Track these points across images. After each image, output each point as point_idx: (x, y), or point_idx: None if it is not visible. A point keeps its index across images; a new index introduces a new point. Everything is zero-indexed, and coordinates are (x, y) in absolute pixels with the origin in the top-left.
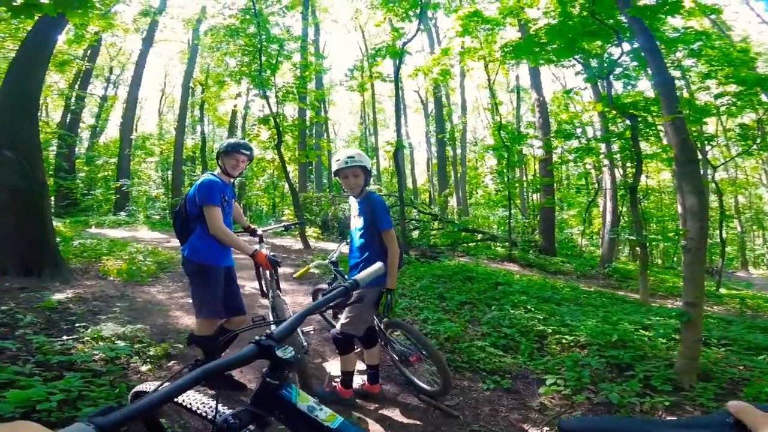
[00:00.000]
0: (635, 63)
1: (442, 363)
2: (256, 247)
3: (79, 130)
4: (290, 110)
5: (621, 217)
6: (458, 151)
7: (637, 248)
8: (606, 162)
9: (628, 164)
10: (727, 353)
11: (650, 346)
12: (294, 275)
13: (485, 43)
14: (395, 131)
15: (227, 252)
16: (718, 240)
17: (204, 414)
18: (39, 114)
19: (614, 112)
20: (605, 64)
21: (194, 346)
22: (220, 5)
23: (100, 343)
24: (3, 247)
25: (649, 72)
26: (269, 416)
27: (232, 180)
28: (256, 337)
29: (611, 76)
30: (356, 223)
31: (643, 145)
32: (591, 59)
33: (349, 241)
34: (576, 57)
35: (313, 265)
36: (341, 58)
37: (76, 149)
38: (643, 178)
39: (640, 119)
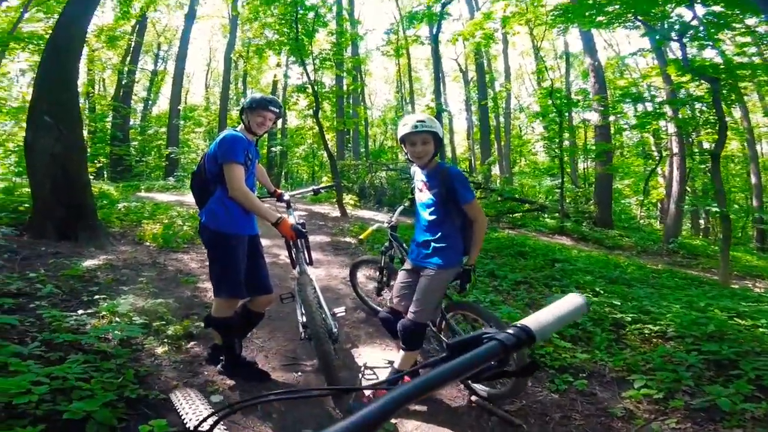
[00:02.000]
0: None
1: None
2: (282, 214)
3: (132, 103)
4: (328, 80)
5: (687, 188)
6: (501, 119)
7: (701, 221)
8: (672, 128)
9: (697, 131)
10: None
11: (752, 338)
12: (360, 237)
13: (531, 6)
14: (433, 97)
15: (251, 218)
16: None
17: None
18: (97, 88)
19: (687, 76)
20: (675, 26)
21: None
22: None
23: (116, 319)
24: (41, 210)
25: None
26: None
27: (256, 139)
28: None
29: (684, 39)
30: (423, 197)
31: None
32: (656, 21)
33: (407, 205)
34: (639, 18)
35: (375, 227)
36: (376, 27)
37: (131, 120)
38: (711, 146)
39: (722, 83)
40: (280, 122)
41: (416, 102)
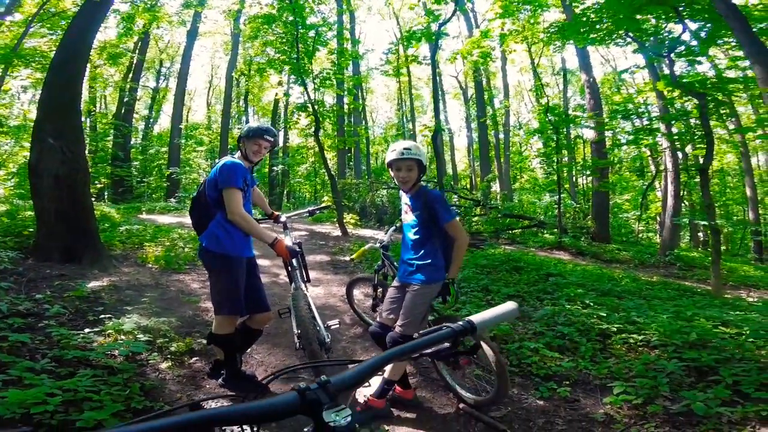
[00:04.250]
0: (695, 42)
1: (505, 371)
2: (278, 235)
3: (133, 121)
4: (329, 99)
5: (683, 202)
6: (501, 135)
7: (700, 234)
8: (666, 144)
9: (692, 145)
10: None
11: (735, 346)
12: (352, 257)
13: (527, 24)
14: (433, 115)
15: (249, 240)
16: None
17: None
18: (98, 106)
19: (677, 91)
20: (666, 42)
21: (213, 345)
22: None
23: (121, 336)
24: (45, 234)
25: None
26: None
27: (252, 165)
28: (301, 385)
29: (672, 55)
30: (408, 219)
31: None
32: (648, 38)
33: (398, 225)
34: (630, 35)
35: (367, 246)
36: (377, 46)
37: (132, 139)
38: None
39: (709, 98)
40: (281, 141)
41: (417, 119)
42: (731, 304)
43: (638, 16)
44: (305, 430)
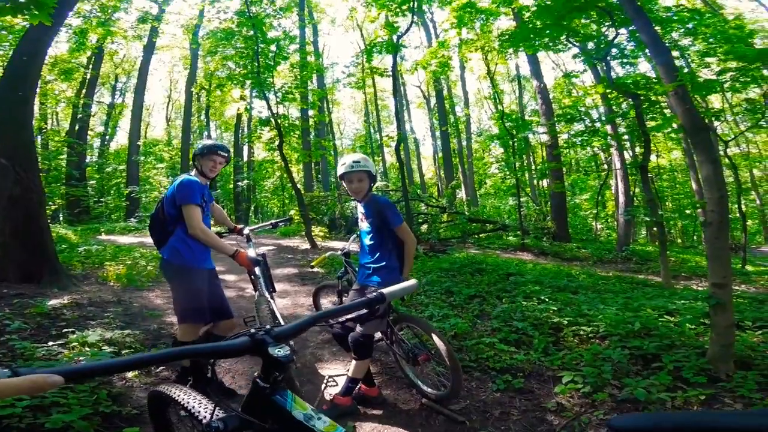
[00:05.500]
0: (632, 45)
1: (457, 365)
2: (238, 247)
3: (88, 138)
4: (294, 111)
5: (634, 198)
6: (464, 143)
7: (655, 228)
8: (613, 143)
9: (638, 144)
10: (765, 336)
11: (677, 333)
12: (312, 263)
13: (481, 33)
14: (396, 125)
15: (208, 254)
16: (738, 215)
17: (196, 415)
18: (49, 123)
19: (615, 92)
20: (602, 46)
21: None
22: (215, 9)
23: (86, 348)
24: (1, 254)
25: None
26: (262, 424)
27: (208, 182)
28: (252, 330)
29: (608, 58)
30: (363, 226)
31: (650, 124)
32: (587, 42)
33: (357, 235)
34: (571, 40)
35: (328, 254)
36: (342, 58)
37: (87, 157)
38: (653, 157)
39: (642, 98)
40: (245, 156)
41: (384, 129)
42: (679, 294)
43: (573, 18)
44: (255, 374)
